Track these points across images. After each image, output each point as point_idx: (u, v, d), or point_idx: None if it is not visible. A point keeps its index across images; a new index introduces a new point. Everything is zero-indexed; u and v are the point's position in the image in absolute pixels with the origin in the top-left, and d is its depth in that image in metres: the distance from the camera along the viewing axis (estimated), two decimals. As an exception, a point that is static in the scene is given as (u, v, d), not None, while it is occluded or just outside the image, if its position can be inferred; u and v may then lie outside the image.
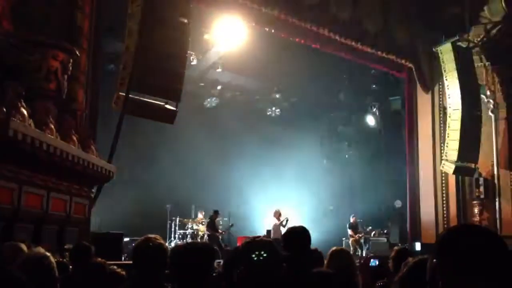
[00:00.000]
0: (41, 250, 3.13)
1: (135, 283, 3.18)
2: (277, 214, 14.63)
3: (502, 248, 1.43)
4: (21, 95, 5.49)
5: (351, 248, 14.92)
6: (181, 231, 14.88)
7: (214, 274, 3.04)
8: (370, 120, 19.02)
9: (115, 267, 3.77)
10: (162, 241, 3.20)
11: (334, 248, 4.35)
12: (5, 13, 5.80)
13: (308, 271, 3.63)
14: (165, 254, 3.14)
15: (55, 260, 3.13)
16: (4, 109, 5.05)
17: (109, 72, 12.01)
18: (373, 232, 16.57)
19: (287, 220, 13.87)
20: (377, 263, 6.56)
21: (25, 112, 5.44)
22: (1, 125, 4.92)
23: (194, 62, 14.23)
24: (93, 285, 3.56)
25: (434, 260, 1.49)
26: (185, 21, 9.00)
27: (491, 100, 14.39)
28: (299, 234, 3.82)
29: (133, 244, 3.44)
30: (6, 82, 5.45)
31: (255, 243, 2.66)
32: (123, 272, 3.63)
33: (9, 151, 5.23)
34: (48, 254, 2.98)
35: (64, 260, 4.95)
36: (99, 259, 3.83)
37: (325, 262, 4.21)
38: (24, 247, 3.82)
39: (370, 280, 5.42)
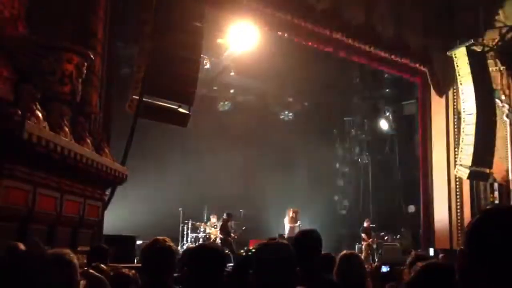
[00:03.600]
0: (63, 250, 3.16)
1: (145, 285, 3.20)
2: (291, 214, 14.60)
3: None
4: (36, 98, 5.54)
5: (364, 253, 14.84)
6: (194, 235, 14.90)
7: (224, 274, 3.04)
8: (384, 124, 18.92)
9: (132, 270, 3.79)
10: (170, 243, 3.21)
11: (344, 252, 4.34)
12: (20, 16, 5.87)
13: (319, 275, 3.63)
14: (174, 256, 3.15)
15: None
16: (19, 112, 5.10)
17: (123, 75, 12.09)
18: (386, 237, 16.46)
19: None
20: (388, 269, 6.53)
21: (40, 114, 5.50)
22: (16, 127, 4.97)
23: (208, 66, 14.28)
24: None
25: (464, 248, 1.36)
26: (199, 24, 9.04)
27: (505, 105, 14.25)
28: (311, 238, 3.80)
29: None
30: (21, 85, 5.52)
31: (267, 247, 2.65)
32: (131, 272, 3.64)
33: (23, 153, 5.28)
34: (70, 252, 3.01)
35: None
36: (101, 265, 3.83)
37: (335, 266, 4.20)
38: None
39: (380, 285, 5.39)
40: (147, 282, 3.18)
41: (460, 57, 13.57)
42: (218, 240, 14.15)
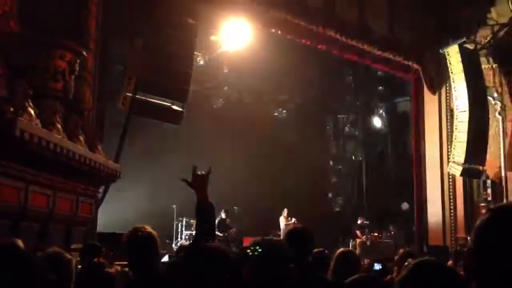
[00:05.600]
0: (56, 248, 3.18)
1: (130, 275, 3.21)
2: (286, 215, 14.63)
3: None
4: (28, 95, 5.52)
5: (357, 250, 14.88)
6: (188, 232, 14.87)
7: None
8: (377, 122, 18.97)
9: (118, 267, 3.79)
10: (150, 230, 3.25)
11: (341, 249, 4.34)
12: (12, 13, 5.83)
13: (312, 272, 3.62)
14: (155, 242, 3.20)
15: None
16: (12, 109, 5.08)
17: (116, 72, 12.06)
18: (380, 235, 16.52)
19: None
20: (380, 267, 6.54)
21: (32, 111, 5.47)
22: (8, 124, 4.95)
23: (201, 63, 14.25)
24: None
25: (472, 247, 1.32)
26: (192, 21, 9.02)
27: (498, 102, 14.31)
28: (302, 235, 3.78)
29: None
30: (13, 82, 5.49)
31: (261, 244, 2.65)
32: (116, 269, 3.63)
33: (16, 151, 5.25)
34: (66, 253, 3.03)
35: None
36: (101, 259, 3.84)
37: (332, 263, 4.19)
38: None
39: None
40: (131, 270, 3.21)
41: (453, 55, 13.62)
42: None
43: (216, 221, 14.12)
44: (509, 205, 1.35)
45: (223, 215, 14.51)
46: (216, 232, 14.10)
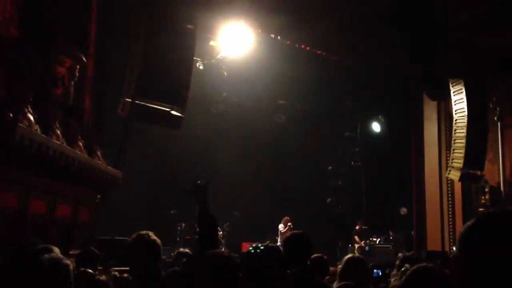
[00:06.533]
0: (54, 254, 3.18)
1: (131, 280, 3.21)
2: (286, 222, 14.62)
3: None
4: (28, 101, 5.54)
5: (356, 255, 14.86)
6: (188, 237, 14.81)
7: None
8: (376, 127, 18.98)
9: (117, 273, 3.79)
10: (154, 237, 3.25)
11: (349, 255, 4.33)
12: (13, 19, 5.85)
13: (311, 278, 3.63)
14: (159, 249, 3.19)
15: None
16: (11, 114, 5.09)
17: (116, 77, 12.07)
18: (378, 240, 16.51)
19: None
20: (380, 273, 6.54)
21: (31, 117, 5.49)
22: (8, 130, 4.96)
23: (200, 68, 14.26)
24: None
25: (457, 253, 1.33)
26: (191, 27, 9.05)
27: (497, 107, 14.32)
28: (301, 240, 3.79)
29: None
30: (13, 88, 5.50)
31: (256, 250, 2.65)
32: (104, 277, 3.63)
33: (15, 156, 5.27)
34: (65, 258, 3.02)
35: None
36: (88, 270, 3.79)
37: (339, 268, 4.18)
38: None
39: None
40: (134, 275, 3.21)
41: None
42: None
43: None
44: (493, 211, 1.36)
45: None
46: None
